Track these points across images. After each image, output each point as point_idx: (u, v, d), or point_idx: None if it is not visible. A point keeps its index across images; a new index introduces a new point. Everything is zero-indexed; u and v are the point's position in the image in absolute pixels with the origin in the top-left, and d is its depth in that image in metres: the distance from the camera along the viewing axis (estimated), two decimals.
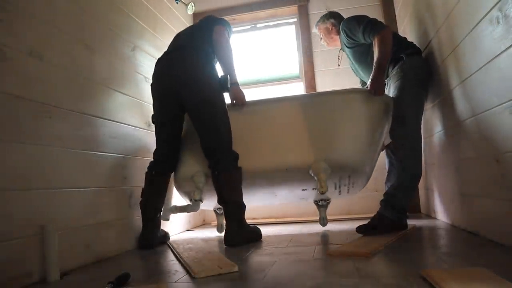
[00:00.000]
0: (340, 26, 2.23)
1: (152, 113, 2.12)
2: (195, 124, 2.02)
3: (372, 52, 2.07)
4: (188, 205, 2.17)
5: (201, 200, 2.10)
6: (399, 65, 2.03)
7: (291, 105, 2.07)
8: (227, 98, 2.10)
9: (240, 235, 1.91)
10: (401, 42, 2.13)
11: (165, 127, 2.07)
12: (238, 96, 2.09)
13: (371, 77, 1.99)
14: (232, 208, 1.93)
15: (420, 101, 2.03)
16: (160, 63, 2.08)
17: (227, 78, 2.02)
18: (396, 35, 2.20)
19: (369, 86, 1.98)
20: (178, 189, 2.19)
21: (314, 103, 2.05)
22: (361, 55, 2.23)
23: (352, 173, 1.97)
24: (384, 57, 1.97)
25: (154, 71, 2.09)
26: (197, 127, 2.00)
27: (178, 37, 2.23)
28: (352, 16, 2.20)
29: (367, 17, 2.11)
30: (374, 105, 1.99)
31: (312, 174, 1.91)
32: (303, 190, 2.14)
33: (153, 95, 2.09)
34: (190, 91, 1.96)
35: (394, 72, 2.06)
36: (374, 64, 1.99)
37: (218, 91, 2.01)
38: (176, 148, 2.13)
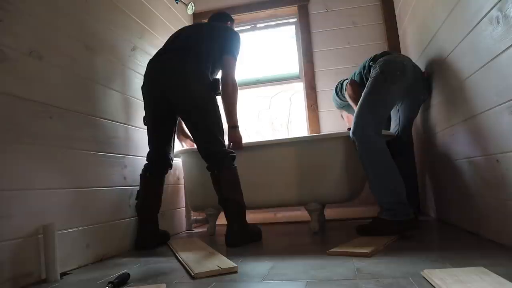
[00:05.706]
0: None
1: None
2: (188, 128, 2.06)
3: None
4: (205, 218, 2.59)
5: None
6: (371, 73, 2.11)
7: (286, 149, 2.26)
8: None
9: (242, 235, 1.91)
10: (374, 58, 2.19)
11: (157, 129, 2.07)
12: (235, 140, 2.14)
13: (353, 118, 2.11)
14: (232, 208, 1.92)
15: (376, 95, 1.99)
16: (151, 64, 2.05)
17: (218, 81, 2.02)
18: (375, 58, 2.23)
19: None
20: (193, 210, 2.60)
21: (306, 147, 2.24)
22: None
23: (344, 201, 2.29)
24: (356, 100, 2.16)
25: (145, 73, 2.06)
26: (190, 131, 2.03)
27: (176, 38, 2.17)
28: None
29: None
30: None
31: (307, 212, 2.25)
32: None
33: (143, 97, 2.08)
34: (180, 97, 1.95)
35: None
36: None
37: (208, 95, 1.99)
38: (169, 150, 2.13)
